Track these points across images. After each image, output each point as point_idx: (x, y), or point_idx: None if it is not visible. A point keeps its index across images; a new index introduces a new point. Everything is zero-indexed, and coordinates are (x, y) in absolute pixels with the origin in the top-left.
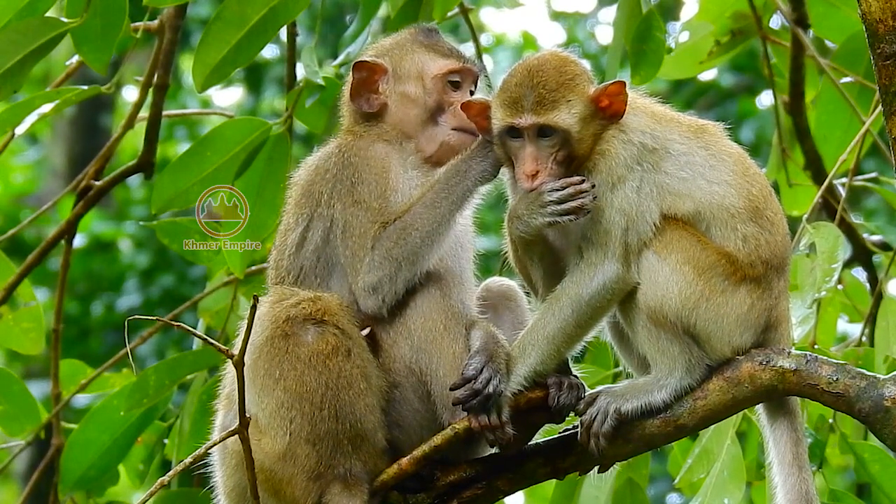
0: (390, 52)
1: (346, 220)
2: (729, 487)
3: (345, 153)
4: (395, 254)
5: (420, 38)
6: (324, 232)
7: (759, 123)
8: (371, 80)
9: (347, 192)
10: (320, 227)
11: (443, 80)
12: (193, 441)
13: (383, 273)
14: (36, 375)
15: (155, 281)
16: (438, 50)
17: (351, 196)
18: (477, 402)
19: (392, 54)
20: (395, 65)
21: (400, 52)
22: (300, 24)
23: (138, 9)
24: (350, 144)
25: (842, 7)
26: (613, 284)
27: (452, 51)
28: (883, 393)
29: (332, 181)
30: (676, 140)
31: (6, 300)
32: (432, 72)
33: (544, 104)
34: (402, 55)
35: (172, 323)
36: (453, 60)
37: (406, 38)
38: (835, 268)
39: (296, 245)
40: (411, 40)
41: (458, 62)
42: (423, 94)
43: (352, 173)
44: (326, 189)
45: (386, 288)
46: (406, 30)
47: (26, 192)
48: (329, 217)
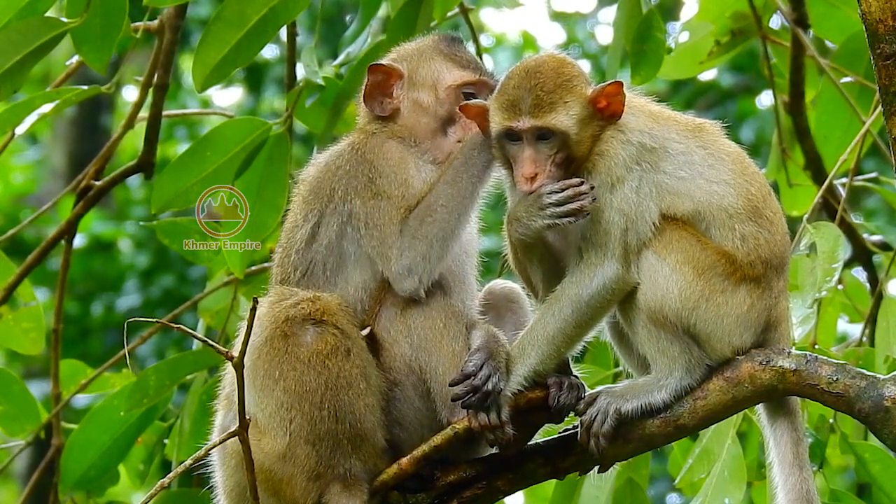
0: (409, 57)
1: (369, 213)
2: (729, 487)
3: (358, 150)
4: (423, 233)
5: (441, 47)
6: (339, 227)
7: (759, 123)
8: (386, 83)
9: (365, 187)
10: (334, 223)
11: (457, 92)
12: (193, 441)
13: (416, 253)
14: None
15: (155, 281)
16: (456, 60)
17: (370, 190)
18: (476, 399)
19: (410, 60)
20: (412, 71)
21: (418, 58)
22: (300, 24)
23: (138, 9)
24: (363, 141)
25: (842, 7)
26: (613, 285)
27: (471, 62)
28: (883, 393)
29: (345, 177)
30: (675, 139)
31: (6, 300)
32: (447, 82)
33: (542, 107)
34: (420, 62)
35: (172, 325)
36: (470, 72)
37: (427, 45)
38: (835, 268)
39: (305, 241)
40: (432, 48)
41: (475, 74)
42: (436, 104)
43: (368, 169)
44: (340, 186)
45: (420, 267)
46: (430, 36)
47: (26, 192)
48: (346, 212)
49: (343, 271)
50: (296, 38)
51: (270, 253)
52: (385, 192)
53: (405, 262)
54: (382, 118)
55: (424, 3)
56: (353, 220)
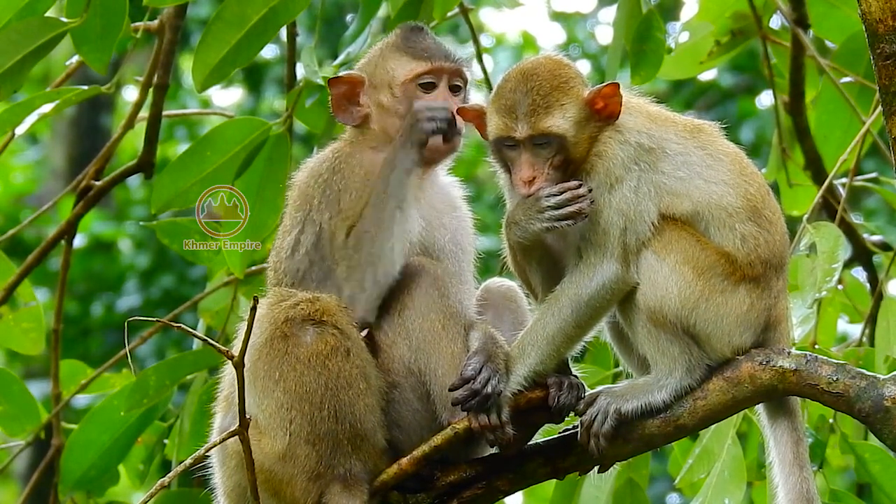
0: (369, 61)
1: (331, 231)
2: (729, 487)
3: (337, 159)
4: (356, 261)
5: (398, 42)
6: (314, 237)
7: (759, 123)
8: (353, 92)
9: (335, 201)
10: (311, 233)
11: (412, 85)
12: (193, 441)
13: (354, 282)
14: (36, 375)
15: (155, 281)
16: (410, 53)
17: (337, 205)
18: (476, 403)
19: (369, 63)
20: (370, 74)
21: (376, 60)
22: (300, 24)
23: (138, 9)
24: (342, 150)
25: (842, 7)
26: (613, 285)
27: (425, 51)
28: (883, 393)
29: (322, 186)
30: (673, 140)
31: (6, 300)
32: (399, 78)
33: (539, 111)
34: (377, 63)
35: (172, 324)
36: (422, 62)
37: (384, 45)
38: (835, 268)
39: (290, 248)
40: (388, 46)
41: (427, 63)
42: (394, 102)
43: (339, 180)
44: (318, 193)
45: (361, 297)
46: (392, 33)
47: (26, 192)
48: (318, 223)
49: (328, 280)
50: (296, 38)
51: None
52: (344, 212)
53: (347, 293)
54: (358, 126)
55: (424, 3)
56: (322, 234)
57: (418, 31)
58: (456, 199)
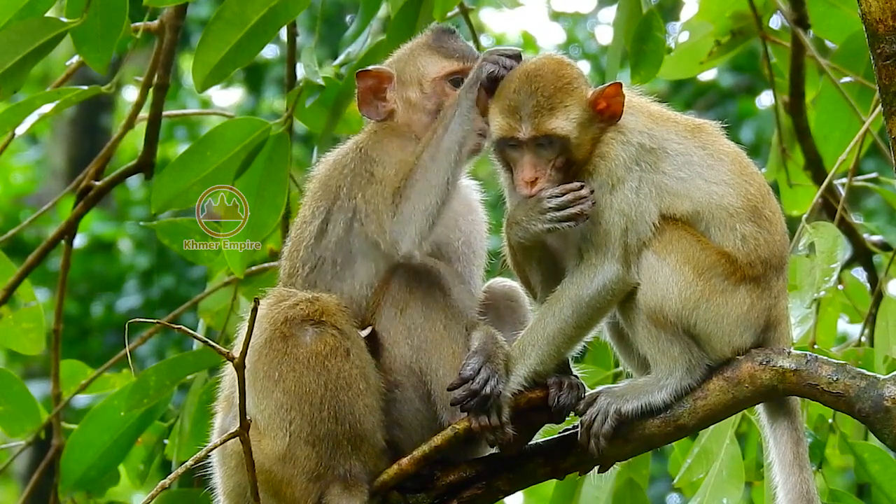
0: (399, 58)
1: (368, 202)
2: (728, 487)
3: (362, 149)
4: (411, 193)
5: (429, 41)
6: (346, 223)
7: (759, 123)
8: (378, 87)
9: (367, 182)
10: (341, 219)
11: (442, 83)
12: (194, 441)
13: (407, 213)
14: (36, 375)
15: (155, 281)
16: (441, 52)
17: (370, 182)
18: (475, 403)
19: (399, 60)
20: (400, 71)
21: (406, 57)
22: (300, 24)
23: (138, 9)
24: (366, 140)
25: (842, 7)
26: (613, 285)
27: (456, 51)
28: (883, 393)
29: (350, 175)
30: (674, 140)
31: (6, 300)
32: (430, 75)
33: (542, 113)
34: (407, 60)
35: (172, 325)
36: (454, 61)
37: (416, 42)
38: (834, 268)
39: (314, 236)
40: (419, 44)
41: (459, 63)
42: (423, 98)
43: (369, 164)
44: (345, 183)
45: (412, 226)
46: (423, 33)
47: (26, 192)
48: (351, 208)
49: (351, 266)
50: (296, 38)
51: (270, 253)
52: (382, 178)
53: (397, 225)
54: (382, 121)
55: (424, 3)
56: (357, 215)
57: (450, 32)
58: (473, 201)
